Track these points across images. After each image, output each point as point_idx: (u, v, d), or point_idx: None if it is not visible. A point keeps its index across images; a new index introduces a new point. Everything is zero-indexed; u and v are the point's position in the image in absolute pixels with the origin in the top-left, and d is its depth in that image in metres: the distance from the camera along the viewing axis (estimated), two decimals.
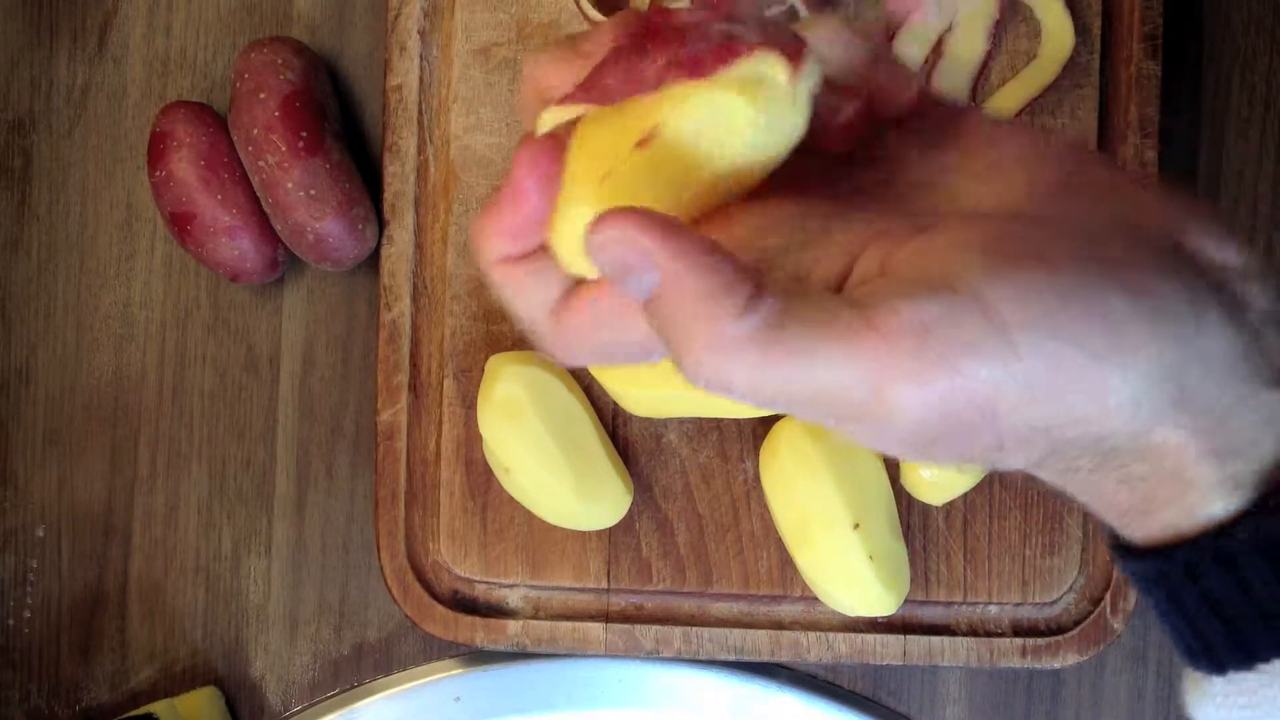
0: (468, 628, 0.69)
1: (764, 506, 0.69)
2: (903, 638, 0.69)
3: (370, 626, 0.73)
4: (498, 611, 0.70)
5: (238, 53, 0.69)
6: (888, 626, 0.70)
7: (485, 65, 0.69)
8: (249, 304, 0.72)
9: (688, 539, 0.69)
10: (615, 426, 0.69)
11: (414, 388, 0.70)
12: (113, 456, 0.72)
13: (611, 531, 0.69)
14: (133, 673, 0.72)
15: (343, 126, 0.70)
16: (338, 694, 0.73)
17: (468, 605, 0.70)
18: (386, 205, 0.69)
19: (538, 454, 0.66)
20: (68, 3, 0.72)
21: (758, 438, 0.69)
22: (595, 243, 0.34)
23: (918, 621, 0.70)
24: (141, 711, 0.69)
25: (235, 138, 0.67)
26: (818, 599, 0.69)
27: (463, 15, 0.69)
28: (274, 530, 0.72)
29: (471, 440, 0.69)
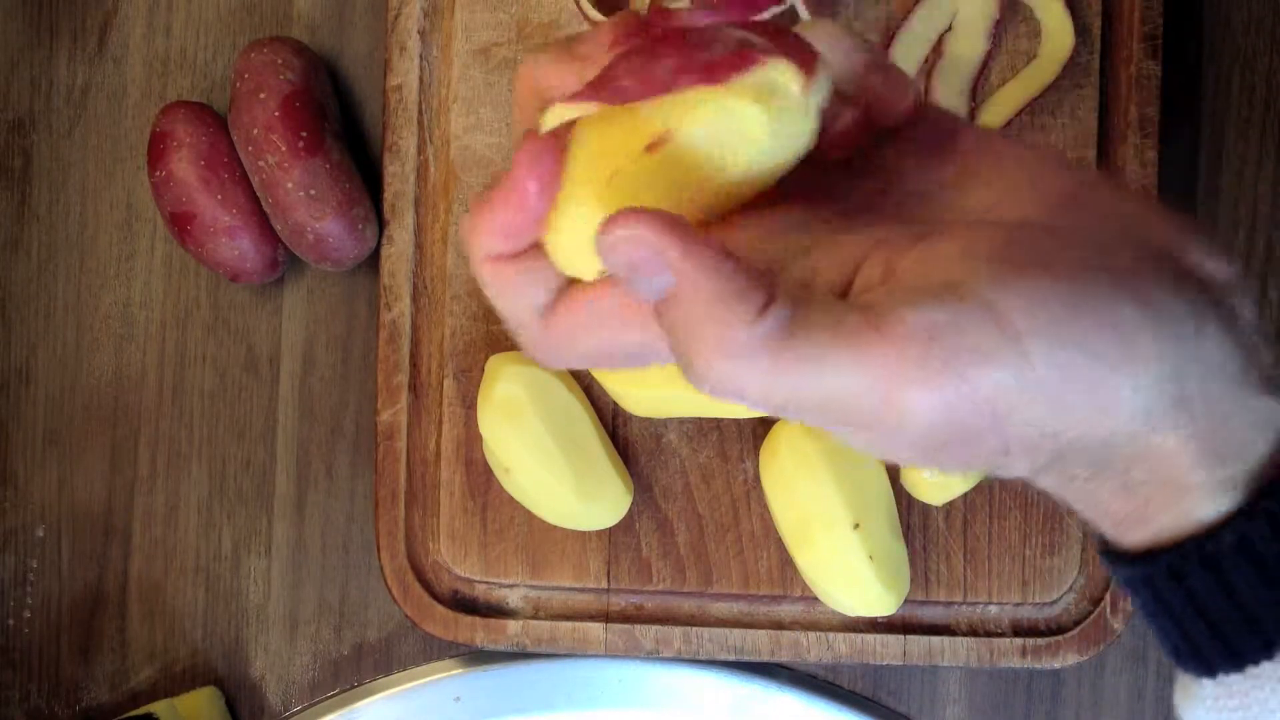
0: (468, 628, 0.69)
1: (764, 506, 0.69)
2: (903, 638, 0.69)
3: (370, 626, 0.73)
4: (498, 611, 0.70)
5: (238, 53, 0.69)
6: (888, 626, 0.70)
7: (485, 65, 0.69)
8: (249, 304, 0.72)
9: (688, 539, 0.69)
10: (615, 426, 0.69)
11: (414, 388, 0.70)
12: (113, 456, 0.72)
13: (611, 531, 0.69)
14: (133, 673, 0.72)
15: (343, 126, 0.70)
16: (338, 694, 0.73)
17: (468, 605, 0.70)
18: (386, 205, 0.69)
19: (538, 454, 0.66)
20: (68, 3, 0.72)
21: (758, 438, 0.69)
22: (608, 242, 0.34)
23: (918, 621, 0.70)
24: (141, 711, 0.69)
25: (235, 138, 0.67)
26: (818, 599, 0.69)
27: (463, 15, 0.69)
28: (274, 530, 0.72)
29: (471, 440, 0.69)
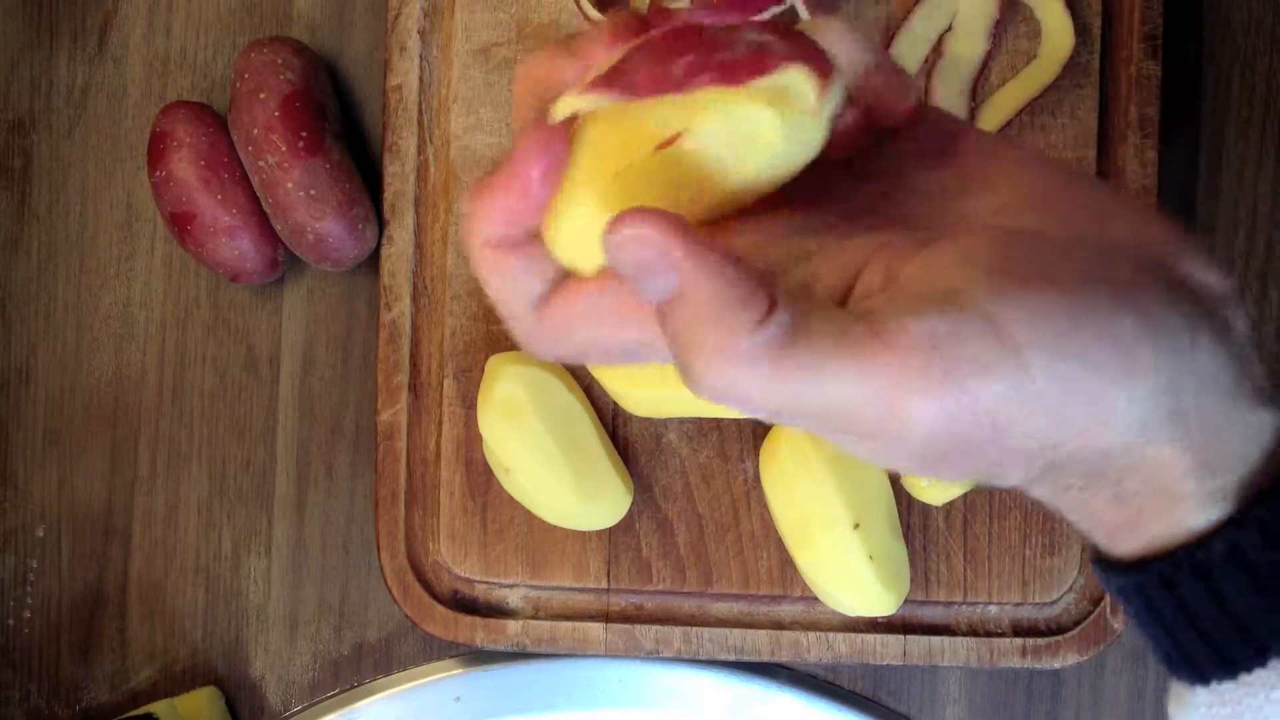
0: (468, 628, 0.69)
1: (764, 506, 0.69)
2: (903, 638, 0.69)
3: (370, 626, 0.73)
4: (498, 611, 0.70)
5: (238, 53, 0.69)
6: (888, 626, 0.69)
7: (485, 65, 0.69)
8: (249, 304, 0.72)
9: (688, 539, 0.69)
10: (615, 426, 0.69)
11: (414, 388, 0.70)
12: (113, 456, 0.72)
13: (611, 531, 0.69)
14: (133, 673, 0.72)
15: (343, 126, 0.70)
16: (338, 694, 0.73)
17: (468, 605, 0.70)
18: (386, 205, 0.69)
19: (538, 454, 0.66)
20: (68, 3, 0.72)
21: (758, 438, 0.69)
22: (615, 240, 0.34)
23: (918, 621, 0.70)
24: (141, 711, 0.69)
25: (235, 138, 0.67)
26: (818, 599, 0.69)
27: (463, 15, 0.69)
28: (274, 530, 0.72)
29: (471, 440, 0.69)
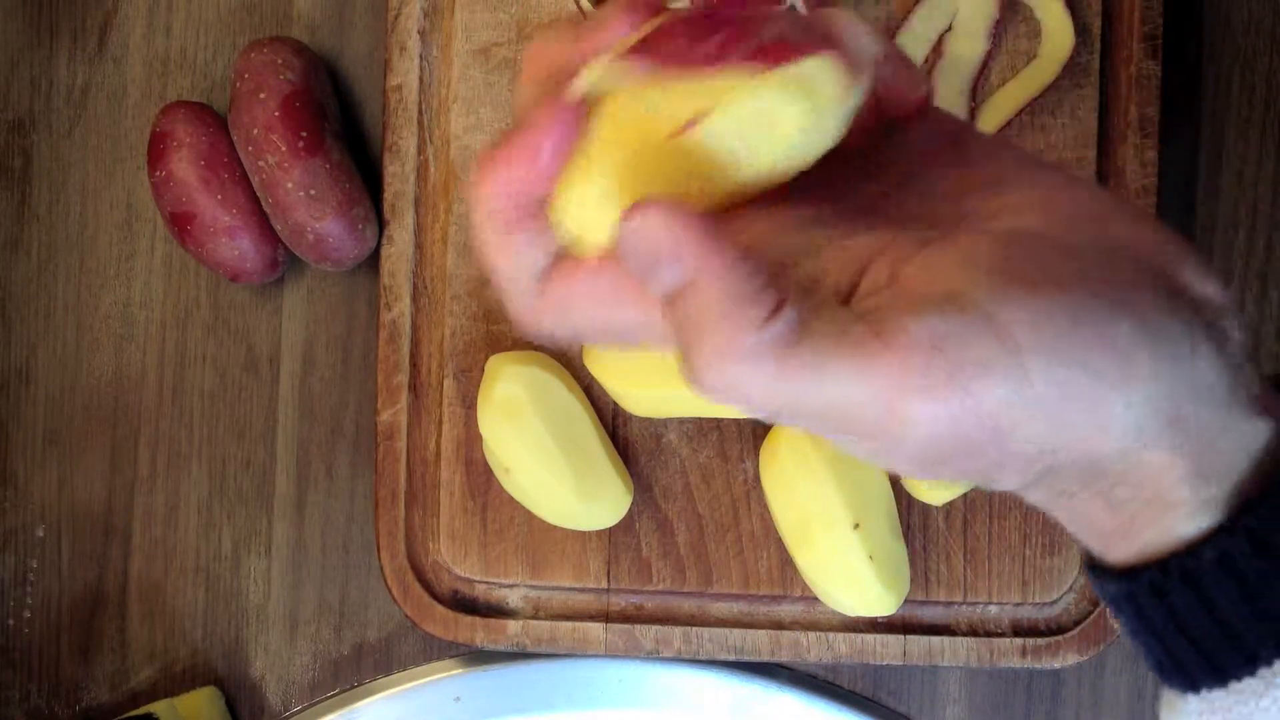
0: (468, 628, 0.69)
1: (764, 506, 0.69)
2: (903, 638, 0.69)
3: (370, 626, 0.73)
4: (498, 611, 0.70)
5: (238, 53, 0.69)
6: (888, 626, 0.69)
7: (485, 65, 0.69)
8: (249, 304, 0.72)
9: (688, 539, 0.69)
10: (615, 426, 0.69)
11: (414, 388, 0.70)
12: (113, 456, 0.72)
13: (611, 531, 0.69)
14: (133, 673, 0.72)
15: (343, 126, 0.70)
16: (338, 694, 0.73)
17: (468, 605, 0.70)
18: (386, 205, 0.69)
19: (538, 454, 0.66)
20: (68, 3, 0.72)
21: (758, 438, 0.69)
22: (630, 227, 0.34)
23: (918, 621, 0.70)
24: (141, 711, 0.69)
25: (235, 138, 0.67)
26: (818, 599, 0.69)
27: (463, 15, 0.69)
28: (274, 530, 0.72)
29: (471, 440, 0.69)
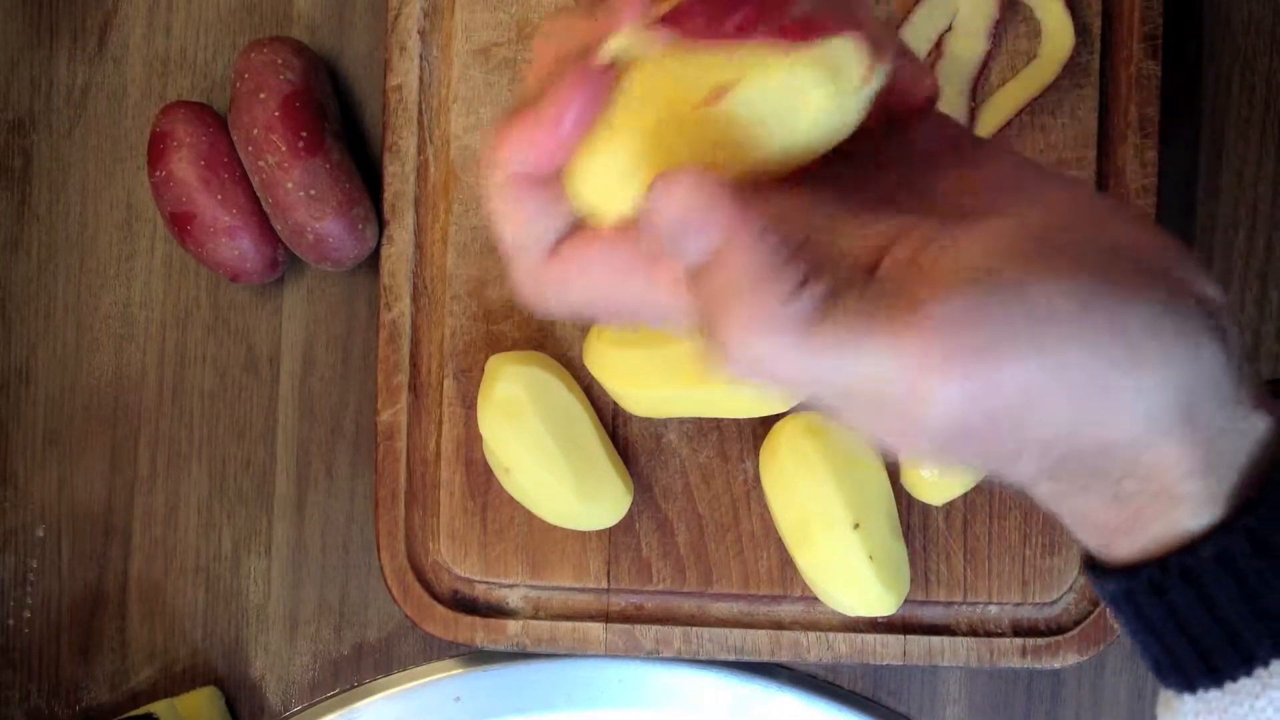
0: (468, 628, 0.69)
1: (764, 506, 0.69)
2: (903, 638, 0.69)
3: (370, 626, 0.73)
4: (498, 611, 0.70)
5: (238, 53, 0.69)
6: (888, 626, 0.69)
7: (485, 65, 0.69)
8: (249, 304, 0.72)
9: (688, 539, 0.69)
10: (615, 426, 0.69)
11: (414, 388, 0.70)
12: (113, 456, 0.72)
13: (611, 531, 0.69)
14: (133, 673, 0.72)
15: (343, 126, 0.70)
16: (338, 694, 0.73)
17: (468, 605, 0.70)
18: (386, 205, 0.69)
19: (538, 454, 0.66)
20: (68, 3, 0.72)
21: (758, 438, 0.69)
22: (658, 195, 0.34)
23: (918, 621, 0.70)
24: (141, 711, 0.69)
25: (235, 138, 0.67)
26: (818, 599, 0.69)
27: (463, 15, 0.69)
28: (274, 530, 0.72)
29: (471, 440, 0.69)
